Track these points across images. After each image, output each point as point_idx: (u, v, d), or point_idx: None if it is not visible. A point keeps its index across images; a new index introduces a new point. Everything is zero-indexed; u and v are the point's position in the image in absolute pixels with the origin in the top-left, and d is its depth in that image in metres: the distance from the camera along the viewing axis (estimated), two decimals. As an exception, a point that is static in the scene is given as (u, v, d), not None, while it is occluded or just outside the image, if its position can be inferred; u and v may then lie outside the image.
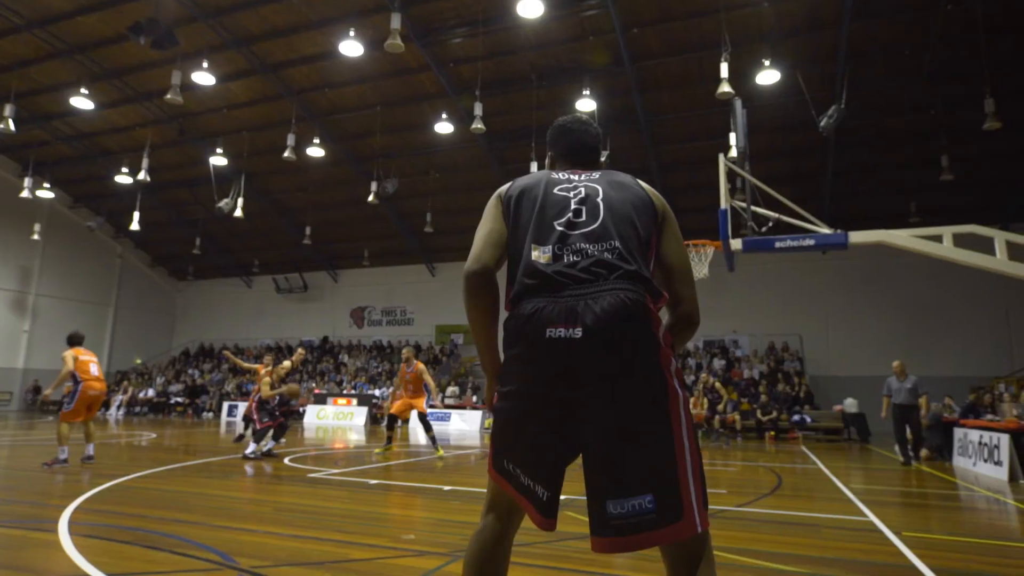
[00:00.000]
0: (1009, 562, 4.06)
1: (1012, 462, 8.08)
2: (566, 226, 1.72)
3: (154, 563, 3.52)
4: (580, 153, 2.00)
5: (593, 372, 1.53)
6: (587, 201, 1.76)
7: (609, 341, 1.52)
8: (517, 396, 1.62)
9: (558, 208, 1.76)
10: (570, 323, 1.55)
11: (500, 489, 1.70)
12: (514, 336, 1.65)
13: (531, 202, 1.79)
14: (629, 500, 1.49)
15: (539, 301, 1.62)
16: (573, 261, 1.66)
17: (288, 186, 23.30)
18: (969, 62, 14.54)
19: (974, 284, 19.31)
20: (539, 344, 1.56)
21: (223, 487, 6.45)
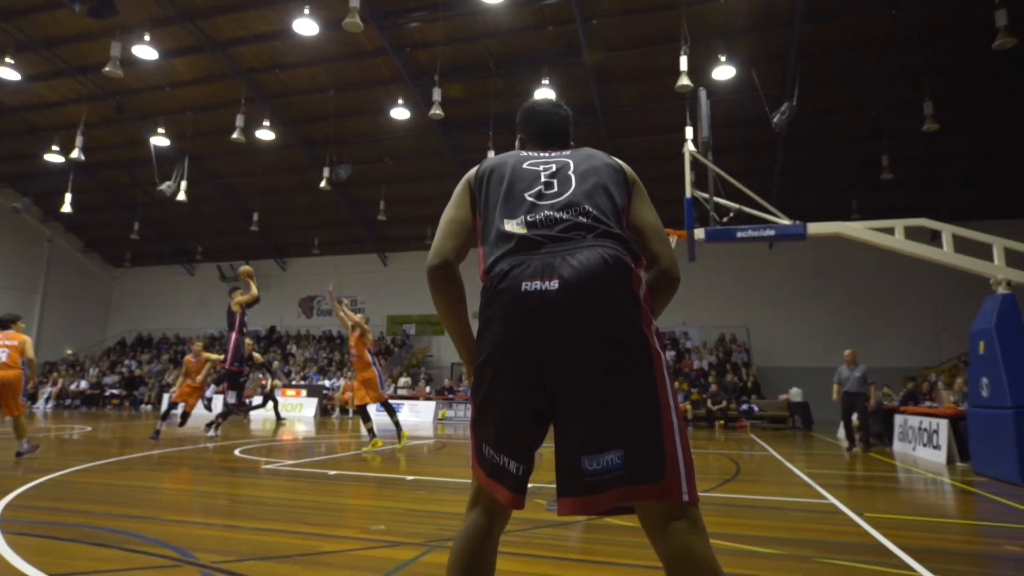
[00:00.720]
0: (969, 539, 4.21)
1: (950, 446, 8.47)
2: (536, 197, 1.68)
3: (103, 561, 3.25)
4: (550, 135, 1.96)
5: (570, 325, 1.46)
6: (558, 173, 1.74)
7: (587, 294, 1.46)
8: (491, 360, 1.55)
9: (528, 181, 1.73)
10: (546, 276, 1.50)
11: (482, 483, 1.64)
12: (489, 298, 1.59)
13: (500, 179, 1.76)
14: (604, 455, 1.42)
15: (515, 259, 1.57)
16: (549, 223, 1.62)
17: (235, 170, 22.41)
18: (910, 66, 15.16)
19: (908, 280, 20.29)
20: (514, 300, 1.51)
21: (172, 480, 6.11)
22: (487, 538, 1.63)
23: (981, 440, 7.24)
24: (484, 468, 1.60)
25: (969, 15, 13.72)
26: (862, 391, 10.43)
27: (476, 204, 1.79)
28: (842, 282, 20.86)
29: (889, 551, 3.69)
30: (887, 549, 3.73)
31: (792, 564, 3.41)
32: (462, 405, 18.40)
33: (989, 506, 5.51)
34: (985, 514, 5.23)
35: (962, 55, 14.89)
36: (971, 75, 15.49)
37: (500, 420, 1.56)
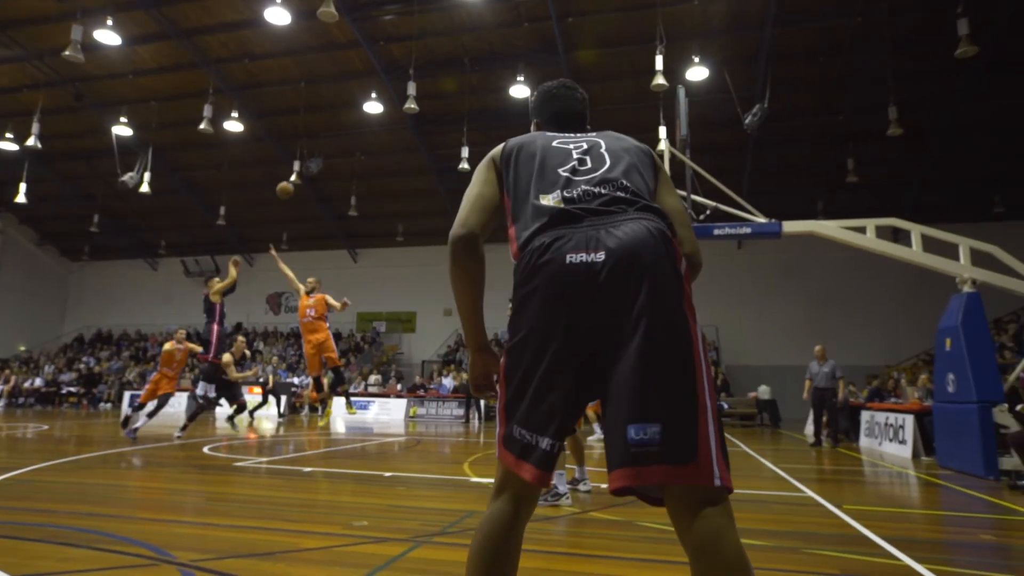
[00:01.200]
0: (945, 528, 4.30)
1: (915, 440, 8.69)
2: (571, 172, 1.65)
3: (72, 561, 3.09)
4: (567, 118, 1.94)
5: (617, 295, 1.43)
6: (590, 151, 1.71)
7: (633, 266, 1.43)
8: (533, 335, 1.48)
9: (560, 157, 1.70)
10: (591, 248, 1.46)
11: (509, 467, 1.55)
12: (528, 271, 1.52)
13: (530, 156, 1.71)
14: (648, 426, 1.36)
15: (555, 232, 1.52)
16: (588, 198, 1.58)
17: (201, 162, 21.84)
18: (876, 72, 15.52)
19: (870, 281, 20.85)
20: (558, 272, 1.46)
21: (139, 478, 5.88)
22: (512, 529, 1.54)
23: (946, 434, 7.44)
24: (513, 451, 1.52)
25: (932, 23, 14.13)
26: (831, 386, 10.64)
27: (503, 182, 1.73)
28: (808, 282, 21.32)
29: (872, 541, 3.73)
30: (870, 539, 3.78)
31: (782, 555, 3.42)
32: (434, 403, 18.26)
33: (958, 497, 5.65)
34: (956, 505, 5.36)
35: (925, 62, 15.33)
36: (934, 81, 15.96)
37: (536, 397, 1.48)
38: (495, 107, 18.41)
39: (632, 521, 4.24)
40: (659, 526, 4.14)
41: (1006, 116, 16.67)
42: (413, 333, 25.17)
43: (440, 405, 18.01)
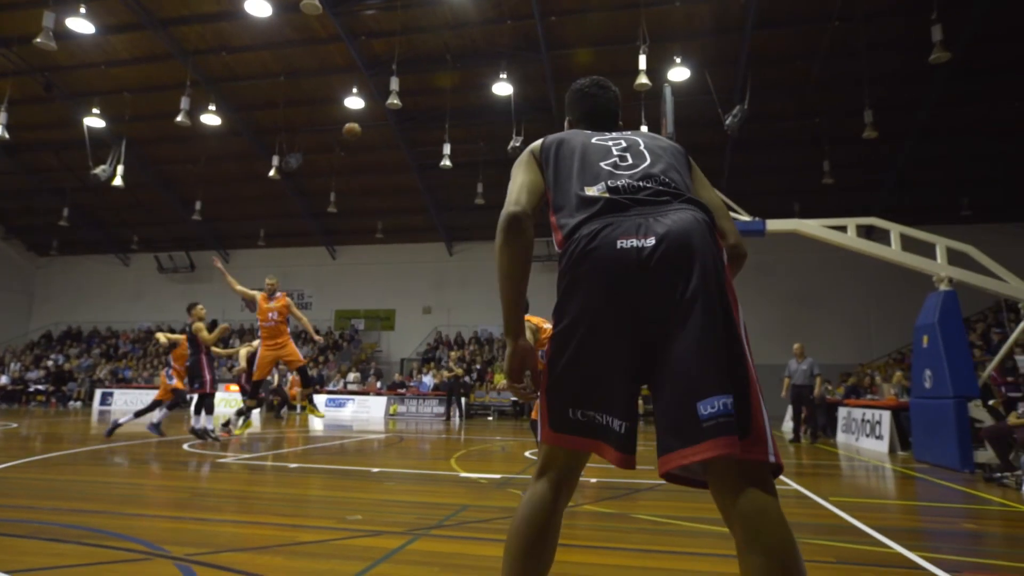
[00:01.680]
0: (928, 518, 4.40)
1: (892, 436, 8.89)
2: (613, 167, 1.68)
3: (63, 556, 3.01)
4: (600, 117, 1.97)
5: (669, 278, 1.44)
6: (629, 149, 1.74)
7: (683, 250, 1.45)
8: (582, 320, 1.50)
9: (601, 153, 1.72)
10: (641, 235, 1.48)
11: (558, 450, 1.56)
12: (578, 257, 1.53)
13: (571, 150, 1.75)
14: (719, 398, 1.35)
15: (603, 220, 1.54)
16: (632, 190, 1.60)
17: (177, 156, 21.38)
18: (851, 75, 15.83)
19: (842, 281, 21.29)
20: (608, 257, 1.48)
21: (121, 474, 5.75)
22: (553, 512, 1.55)
23: (923, 429, 7.62)
24: (576, 432, 1.52)
25: (907, 29, 14.46)
26: (809, 383, 10.84)
27: (544, 174, 1.76)
28: (782, 282, 21.65)
29: (862, 531, 3.81)
30: (860, 529, 3.86)
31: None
32: (414, 400, 18.17)
33: (938, 489, 5.80)
34: (936, 496, 5.50)
35: (899, 67, 15.67)
36: (907, 86, 16.32)
37: (592, 379, 1.49)
38: (477, 104, 18.38)
39: (626, 514, 4.27)
40: (653, 518, 4.18)
41: (974, 121, 17.14)
42: (392, 331, 25.01)
43: (420, 403, 17.93)
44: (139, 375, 22.00)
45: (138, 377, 21.80)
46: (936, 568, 3.01)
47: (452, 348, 22.30)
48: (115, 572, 2.76)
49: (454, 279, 24.41)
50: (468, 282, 24.19)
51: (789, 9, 15.04)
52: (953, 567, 3.04)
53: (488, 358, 21.73)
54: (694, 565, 3.13)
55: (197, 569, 2.76)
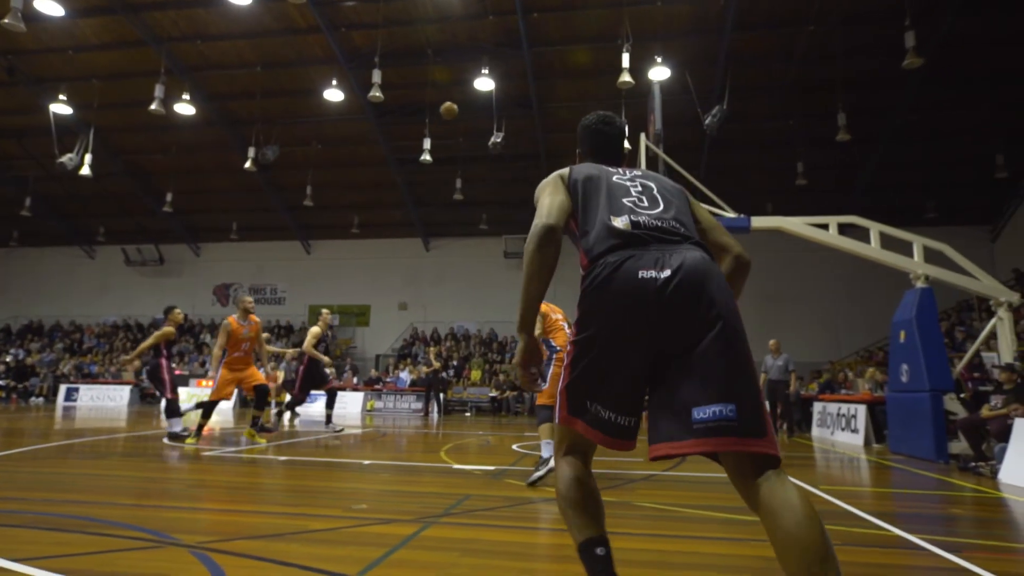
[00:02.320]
0: (917, 504, 4.55)
1: (867, 429, 9.15)
2: (634, 205, 1.91)
3: (68, 545, 2.93)
4: (608, 150, 2.22)
5: (681, 304, 1.68)
6: (645, 192, 1.97)
7: (693, 281, 1.70)
8: (602, 334, 1.74)
9: (623, 191, 1.95)
10: (659, 267, 1.73)
11: (574, 431, 1.83)
12: (602, 281, 1.76)
13: (595, 184, 1.97)
14: (712, 407, 1.61)
15: (627, 252, 1.78)
16: (653, 226, 1.85)
17: (148, 146, 20.83)
18: (826, 79, 16.19)
19: (813, 280, 21.79)
20: (629, 285, 1.71)
21: (108, 467, 5.59)
22: (589, 474, 1.89)
23: (899, 422, 7.86)
24: (591, 423, 1.79)
25: (880, 35, 14.86)
26: (784, 379, 11.08)
27: (573, 198, 1.97)
28: (755, 281, 21.94)
29: (858, 516, 3.92)
30: (855, 514, 3.97)
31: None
32: (392, 396, 18.05)
33: (918, 478, 5.99)
34: (918, 484, 5.68)
35: (873, 71, 16.08)
36: (878, 91, 16.76)
37: (609, 383, 1.76)
38: (458, 100, 17.88)
39: (629, 502, 4.32)
40: (656, 505, 4.24)
41: (940, 126, 17.70)
42: (367, 327, 24.78)
43: (398, 399, 17.81)
44: (106, 370, 21.40)
45: (105, 372, 21.21)
46: (936, 548, 3.12)
47: (428, 344, 22.22)
48: (128, 560, 2.70)
49: (430, 275, 24.29)
50: (444, 278, 24.11)
51: (766, 12, 15.32)
52: (951, 547, 3.15)
53: (465, 354, 21.70)
54: (704, 548, 3.19)
55: (215, 556, 2.71)
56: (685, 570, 2.81)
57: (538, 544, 3.25)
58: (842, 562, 1.53)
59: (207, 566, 2.59)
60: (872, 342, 20.23)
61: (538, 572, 2.73)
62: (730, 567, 2.85)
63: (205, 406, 7.71)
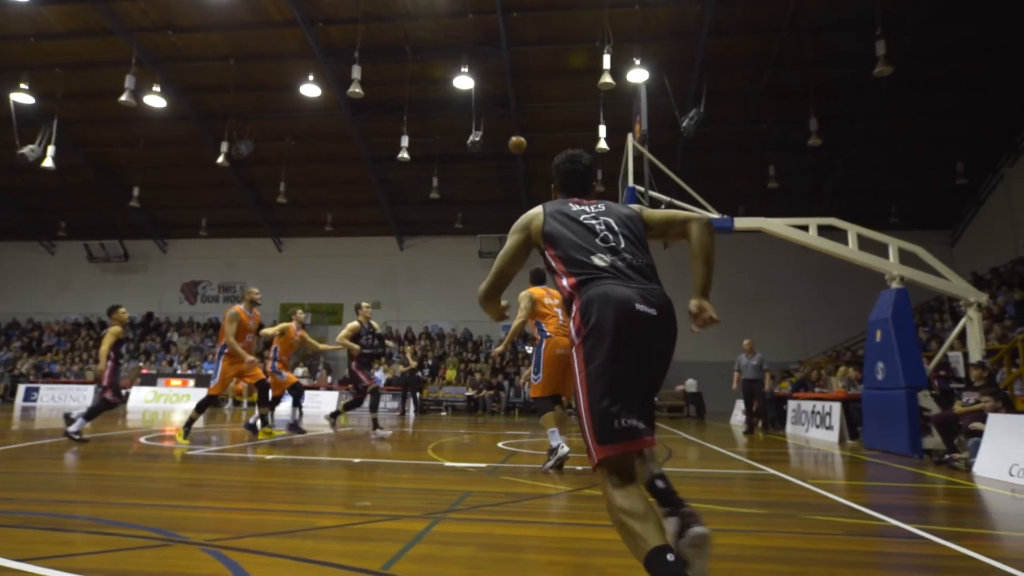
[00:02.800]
0: (903, 496, 4.69)
1: (842, 426, 9.39)
2: (603, 241, 2.26)
3: (71, 545, 2.85)
4: (575, 186, 2.59)
5: (660, 335, 2.11)
6: (608, 228, 2.31)
7: (666, 320, 2.13)
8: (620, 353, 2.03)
9: (590, 229, 2.29)
10: (649, 305, 2.09)
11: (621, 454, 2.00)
12: (600, 307, 2.07)
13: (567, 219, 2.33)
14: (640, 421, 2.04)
15: (614, 283, 2.12)
16: (623, 264, 2.19)
17: (114, 139, 20.22)
18: (798, 85, 16.57)
19: (782, 282, 22.28)
20: (632, 315, 2.05)
21: (89, 467, 5.41)
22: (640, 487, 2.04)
23: (874, 418, 8.09)
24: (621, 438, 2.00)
25: (850, 43, 15.28)
26: (759, 377, 11.31)
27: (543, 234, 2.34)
28: (726, 281, 22.46)
29: (853, 508, 4.03)
30: (850, 506, 4.08)
31: (784, 521, 3.64)
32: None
33: (898, 472, 6.17)
34: (899, 478, 5.85)
35: (842, 78, 16.52)
36: (847, 98, 17.21)
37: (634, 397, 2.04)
38: (436, 98, 18.22)
39: (629, 496, 4.36)
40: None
41: (904, 134, 18.28)
42: (339, 325, 24.40)
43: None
44: (67, 369, 20.71)
45: (66, 371, 20.52)
46: (934, 537, 3.23)
47: (402, 343, 22.05)
48: (139, 558, 2.62)
49: (404, 274, 24.13)
50: (418, 277, 23.97)
51: (742, 19, 15.60)
52: (948, 536, 3.26)
53: (439, 353, 21.60)
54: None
55: (229, 554, 2.65)
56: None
57: (554, 538, 3.27)
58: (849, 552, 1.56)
59: (225, 564, 2.53)
60: (839, 342, 20.77)
61: (563, 565, 2.75)
62: (736, 556, 2.90)
63: (204, 402, 7.44)
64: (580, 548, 2.90)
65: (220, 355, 7.39)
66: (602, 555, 2.81)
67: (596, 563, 2.68)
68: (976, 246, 20.59)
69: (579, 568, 2.61)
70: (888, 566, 2.90)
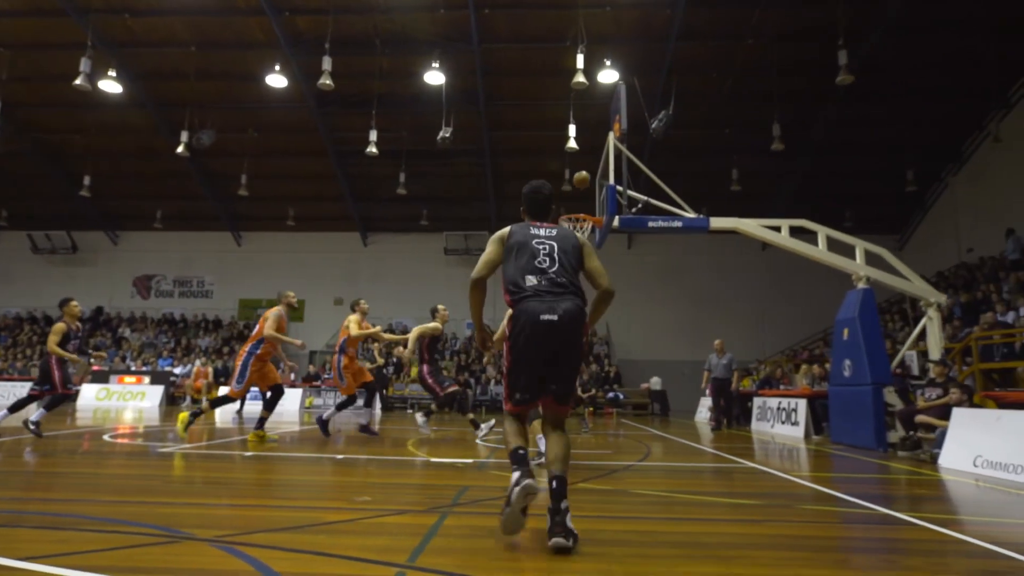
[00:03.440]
0: (882, 487, 4.87)
1: (807, 422, 9.70)
2: (540, 263, 3.04)
3: (71, 543, 2.71)
4: (537, 210, 3.30)
5: (562, 336, 2.91)
6: (551, 253, 3.08)
7: (569, 323, 2.91)
8: (524, 351, 2.95)
9: (537, 256, 3.06)
10: (553, 313, 2.90)
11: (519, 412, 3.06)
12: (521, 319, 2.95)
13: (520, 245, 3.09)
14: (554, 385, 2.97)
15: (533, 301, 2.94)
16: (548, 284, 2.99)
17: (63, 124, 19.32)
18: (761, 91, 17.01)
19: (741, 283, 22.87)
20: (537, 323, 2.90)
21: (68, 465, 5.16)
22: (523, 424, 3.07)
23: (841, 414, 8.39)
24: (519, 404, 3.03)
25: (809, 52, 15.80)
26: (728, 376, 11.58)
27: (503, 251, 3.12)
28: (687, 282, 22.94)
29: (840, 497, 4.17)
30: (837, 496, 4.22)
31: (783, 510, 3.74)
32: (331, 393, 17.59)
33: (871, 464, 6.41)
34: (870, 470, 6.07)
35: (801, 86, 17.04)
36: (805, 105, 17.74)
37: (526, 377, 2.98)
38: (405, 93, 18.04)
39: (625, 490, 4.42)
40: (650, 492, 4.35)
41: (858, 141, 19.01)
42: (301, 322, 23.95)
43: (338, 395, 17.32)
44: (9, 366, 19.70)
45: (9, 368, 19.52)
46: (924, 523, 3.37)
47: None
48: (151, 555, 2.52)
49: (368, 270, 23.81)
50: (382, 274, 23.68)
51: (708, 24, 15.94)
52: (936, 522, 3.41)
53: (404, 351, 21.37)
54: (691, 528, 3.31)
55: (244, 550, 2.57)
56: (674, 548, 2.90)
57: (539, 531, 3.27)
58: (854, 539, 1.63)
59: (242, 559, 2.45)
60: (796, 341, 21.41)
61: (587, 555, 2.75)
62: (748, 544, 2.97)
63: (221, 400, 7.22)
64: (599, 539, 2.91)
65: (250, 355, 7.09)
66: (621, 545, 2.84)
67: (614, 553, 2.71)
68: (922, 250, 21.53)
69: (601, 557, 2.62)
70: (895, 551, 3.01)
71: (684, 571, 2.44)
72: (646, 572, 2.42)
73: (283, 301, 7.55)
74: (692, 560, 2.61)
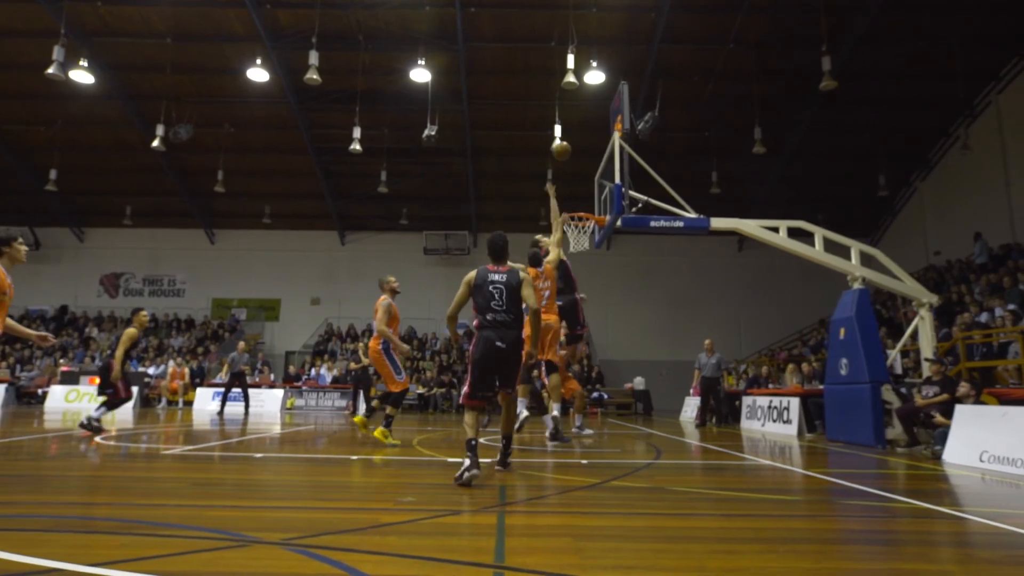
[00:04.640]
0: (886, 482, 4.97)
1: (800, 420, 9.88)
2: (493, 301, 4.44)
3: (135, 548, 2.57)
4: (495, 256, 4.62)
5: (508, 355, 4.44)
6: (502, 293, 4.44)
7: (511, 347, 4.43)
8: (482, 362, 4.43)
9: (492, 297, 4.44)
10: (503, 341, 4.40)
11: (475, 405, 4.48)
12: (481, 343, 4.43)
13: (481, 286, 4.49)
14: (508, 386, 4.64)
15: (489, 331, 4.41)
16: (500, 318, 4.42)
17: (27, 116, 18.58)
18: (742, 94, 17.32)
19: (719, 284, 23.24)
20: (491, 346, 4.39)
21: (87, 468, 4.93)
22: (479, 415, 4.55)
23: (837, 412, 8.56)
24: (477, 399, 4.50)
25: (788, 58, 16.15)
26: (717, 375, 11.74)
27: (470, 291, 4.54)
28: (665, 283, 23.22)
29: (866, 491, 4.25)
30: (862, 490, 4.30)
31: (810, 506, 3.81)
32: (313, 393, 17.29)
33: (871, 460, 6.55)
34: (873, 465, 6.21)
35: (779, 91, 17.41)
36: (783, 109, 18.12)
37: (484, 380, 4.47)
38: (388, 90, 17.84)
39: (662, 487, 4.42)
40: (685, 489, 4.37)
41: (833, 146, 19.52)
42: (277, 322, 23.52)
43: (320, 396, 17.06)
44: (-32, 368, 18.81)
45: (-32, 369, 18.65)
46: (974, 517, 3.45)
47: (345, 340, 21.48)
48: (226, 559, 2.42)
49: (346, 270, 23.48)
50: (361, 273, 23.33)
51: (692, 28, 16.17)
52: (985, 516, 3.49)
53: (384, 351, 21.11)
54: (759, 524, 3.33)
55: (321, 552, 2.48)
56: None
57: (639, 527, 3.25)
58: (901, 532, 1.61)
59: (323, 562, 2.37)
60: (773, 341, 21.83)
61: (669, 552, 2.74)
62: (783, 539, 2.99)
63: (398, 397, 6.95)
64: (672, 536, 2.90)
65: (387, 352, 6.84)
66: (700, 542, 2.83)
67: (696, 549, 2.70)
68: (891, 253, 21.79)
69: (687, 554, 2.61)
70: (943, 544, 3.06)
71: (777, 565, 2.44)
72: (740, 567, 2.41)
73: (385, 288, 7.07)
74: (776, 555, 2.62)
